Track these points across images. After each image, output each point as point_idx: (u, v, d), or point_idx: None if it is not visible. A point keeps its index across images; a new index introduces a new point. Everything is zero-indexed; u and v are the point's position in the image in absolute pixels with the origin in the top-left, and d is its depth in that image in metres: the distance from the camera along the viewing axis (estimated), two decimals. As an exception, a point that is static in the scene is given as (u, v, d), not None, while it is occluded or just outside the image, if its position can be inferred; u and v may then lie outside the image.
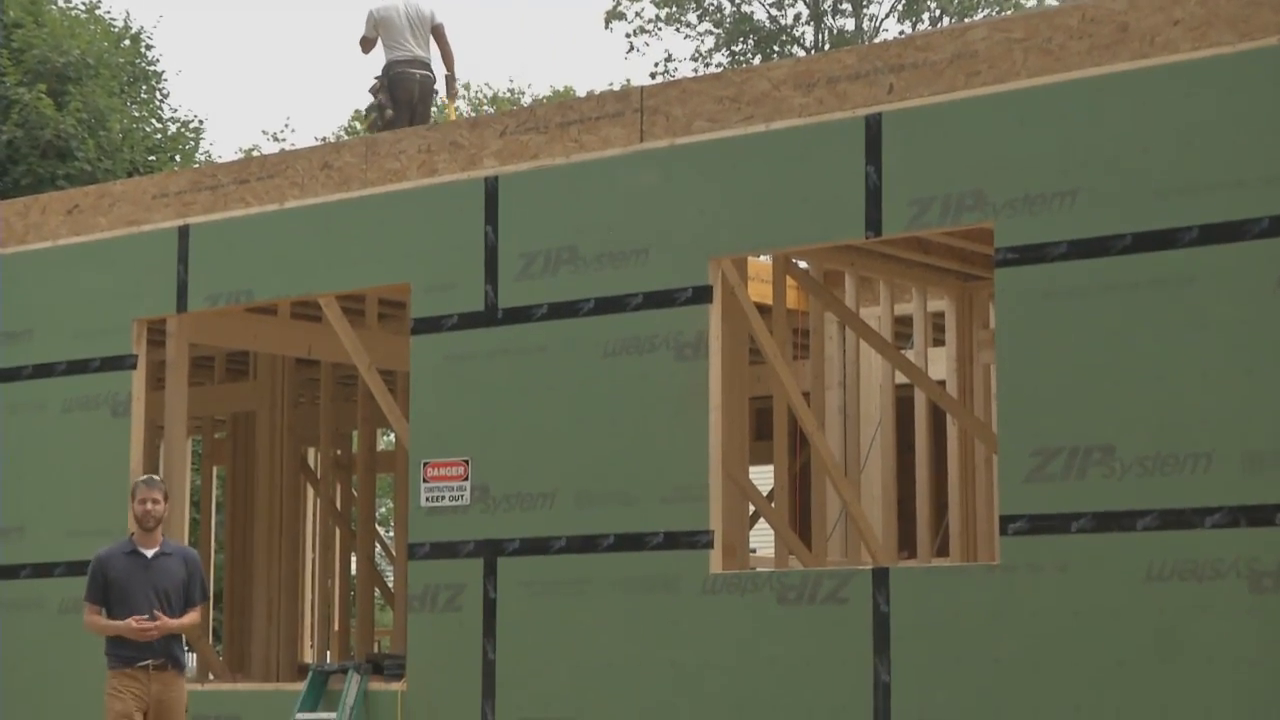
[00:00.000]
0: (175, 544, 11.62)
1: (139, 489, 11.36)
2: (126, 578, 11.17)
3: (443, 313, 12.64)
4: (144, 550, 11.28)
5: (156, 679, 11.09)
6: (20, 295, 14.62)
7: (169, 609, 11.14)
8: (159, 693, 11.10)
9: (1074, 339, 10.48)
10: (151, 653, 11.09)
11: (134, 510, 11.34)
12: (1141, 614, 10.13)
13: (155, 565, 11.23)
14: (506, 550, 12.18)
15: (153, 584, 11.16)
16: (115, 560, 11.26)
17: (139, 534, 11.32)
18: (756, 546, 16.96)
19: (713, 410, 11.58)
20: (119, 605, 11.14)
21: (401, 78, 16.14)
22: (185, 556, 11.47)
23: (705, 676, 11.37)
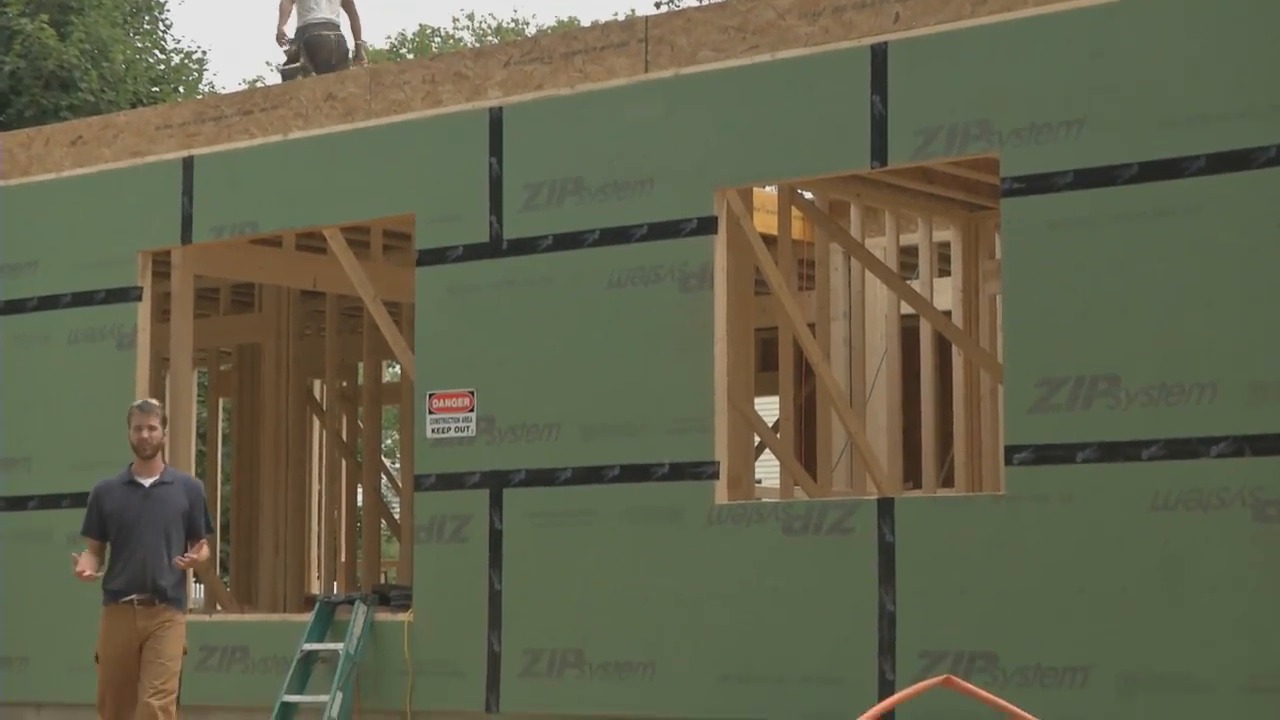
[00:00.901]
0: (177, 472, 10.97)
1: (133, 415, 10.68)
2: (124, 509, 10.52)
3: (447, 244, 12.63)
4: (142, 480, 10.62)
5: (143, 614, 10.42)
6: (24, 227, 14.61)
7: (171, 541, 10.49)
8: (146, 628, 10.42)
9: (1080, 269, 10.47)
10: (137, 587, 10.42)
11: (130, 438, 10.66)
12: (1146, 544, 10.15)
13: (154, 495, 10.54)
14: (512, 481, 12.21)
15: (152, 515, 10.49)
16: (112, 491, 10.63)
17: (137, 463, 10.67)
18: (762, 477, 16.99)
19: (718, 341, 11.58)
20: (119, 539, 10.51)
21: (318, 40, 16.18)
22: (187, 485, 10.75)
23: (710, 607, 11.41)
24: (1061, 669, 10.31)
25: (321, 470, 19.77)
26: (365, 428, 18.48)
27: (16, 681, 14.16)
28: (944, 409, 15.02)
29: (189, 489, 10.70)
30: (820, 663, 11.03)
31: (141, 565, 10.39)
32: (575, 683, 11.81)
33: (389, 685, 12.50)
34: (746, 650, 11.26)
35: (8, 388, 14.54)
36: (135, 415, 10.63)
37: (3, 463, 14.48)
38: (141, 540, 10.42)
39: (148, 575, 10.40)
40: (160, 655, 10.37)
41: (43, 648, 14.05)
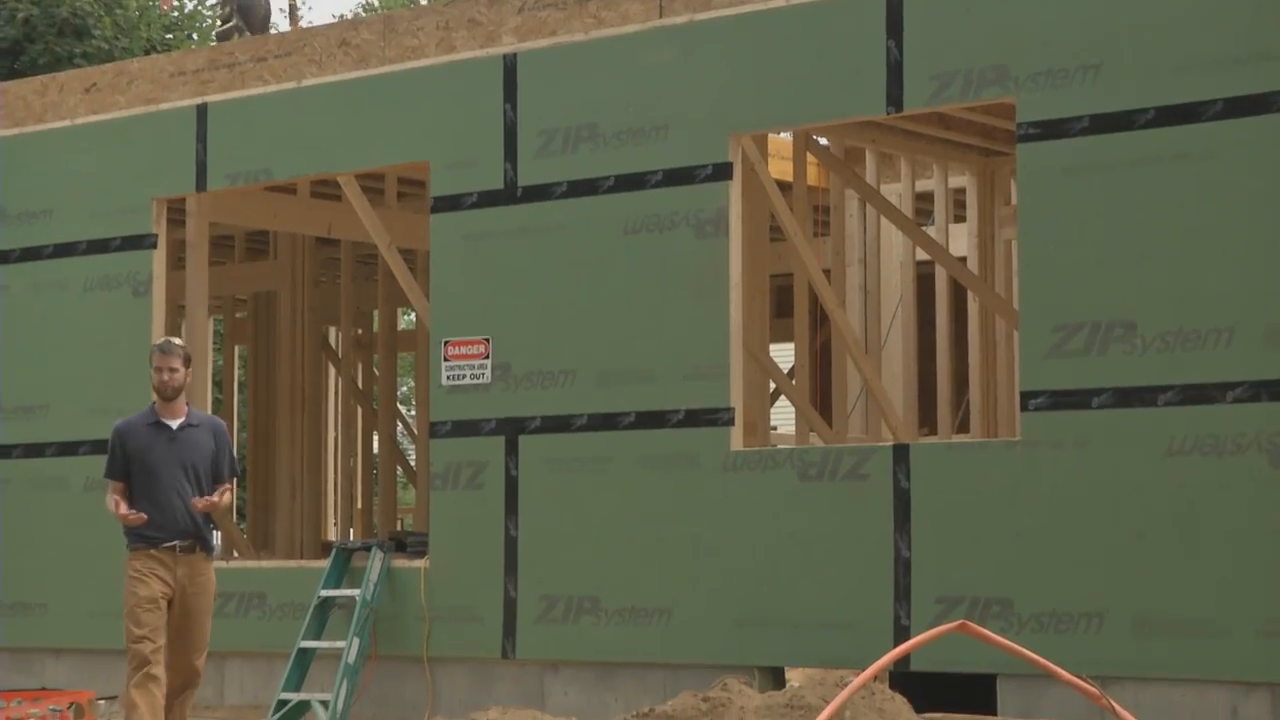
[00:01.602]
0: (202, 414, 10.45)
1: (154, 356, 10.16)
2: (149, 451, 10.00)
3: (462, 191, 12.62)
4: (168, 421, 10.09)
5: (183, 562, 9.96)
6: (39, 174, 14.61)
7: (197, 485, 10.04)
8: (185, 578, 9.97)
9: (1096, 214, 10.44)
10: (179, 533, 9.94)
11: (152, 380, 10.15)
12: (1161, 489, 10.16)
13: (181, 438, 10.05)
14: (528, 428, 12.22)
15: (179, 458, 9.99)
16: (136, 432, 10.11)
17: (160, 404, 10.14)
18: (777, 424, 17.00)
19: (733, 288, 11.57)
20: (143, 481, 9.98)
21: (251, 3, 16.28)
22: (214, 428, 10.27)
23: (725, 552, 11.44)
24: (1076, 614, 10.33)
25: (337, 417, 19.81)
26: (381, 375, 18.51)
27: (35, 628, 14.23)
28: (959, 355, 15.01)
29: (215, 432, 10.25)
30: (836, 608, 11.05)
31: (179, 511, 9.95)
32: (591, 628, 11.85)
33: (406, 631, 12.55)
34: (762, 596, 11.29)
35: (25, 335, 14.57)
36: (156, 356, 10.13)
37: (21, 410, 14.52)
38: (173, 485, 9.96)
39: (187, 520, 9.97)
40: (201, 612, 10.08)
41: (61, 595, 14.11)
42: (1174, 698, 10.08)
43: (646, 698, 11.18)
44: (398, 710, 12.59)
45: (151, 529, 9.92)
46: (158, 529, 9.92)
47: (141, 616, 9.82)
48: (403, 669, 12.61)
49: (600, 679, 11.90)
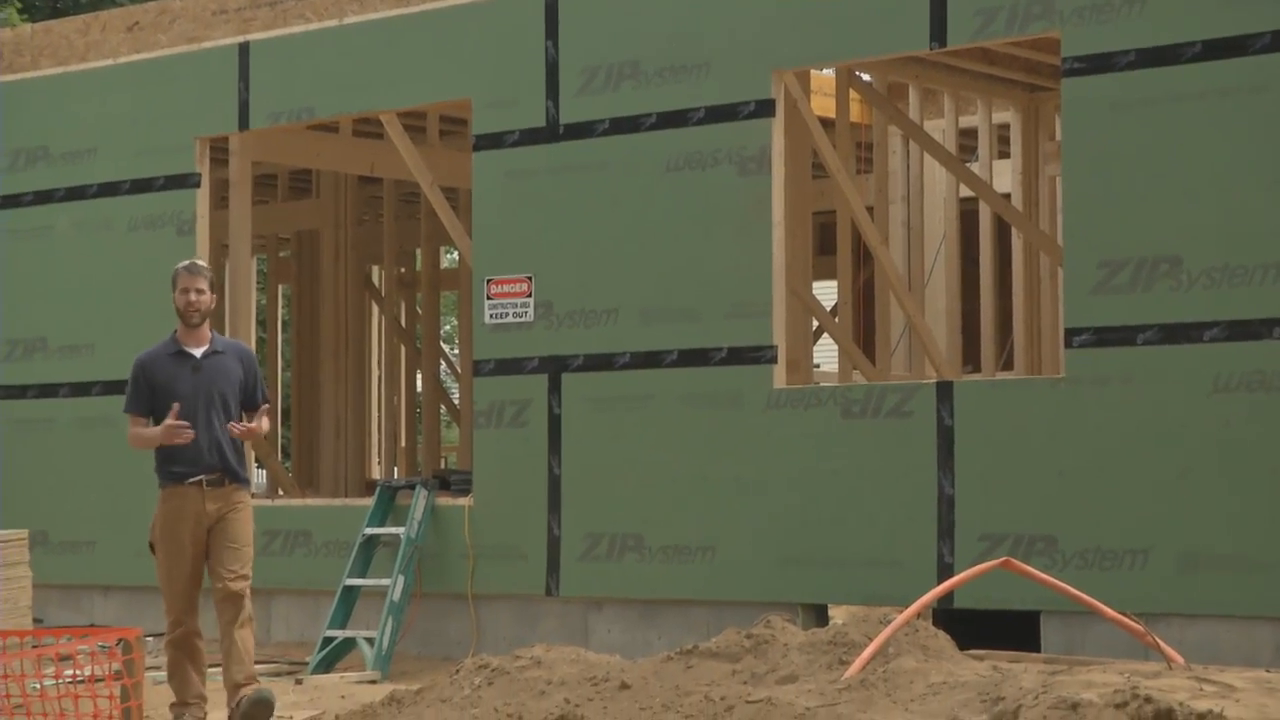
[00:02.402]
0: (227, 340, 9.78)
1: (179, 276, 9.41)
2: (174, 382, 9.29)
3: (504, 129, 12.60)
4: (191, 349, 9.39)
5: (212, 496, 9.25)
6: (83, 114, 14.64)
7: (226, 415, 9.32)
8: (217, 511, 9.27)
9: (1142, 150, 10.38)
10: (204, 466, 9.25)
11: (175, 303, 9.43)
12: (1207, 426, 10.12)
13: (206, 366, 9.34)
14: (570, 366, 12.23)
15: (206, 388, 9.28)
16: (159, 363, 9.41)
17: (183, 330, 9.44)
18: (820, 362, 16.98)
19: (776, 225, 11.54)
20: (165, 413, 9.28)
21: None
22: (240, 354, 9.56)
23: (769, 490, 11.44)
24: (1121, 551, 10.31)
25: (381, 356, 19.85)
26: (424, 313, 18.54)
27: (84, 565, 14.34)
28: (1003, 292, 14.96)
29: (242, 357, 9.54)
30: (879, 546, 11.05)
31: (205, 443, 9.23)
32: (635, 566, 11.88)
33: (450, 569, 12.61)
34: (805, 534, 11.30)
35: (70, 275, 14.63)
36: (182, 277, 9.39)
37: (67, 350, 14.59)
38: (199, 416, 9.23)
39: (214, 453, 9.25)
40: (234, 540, 9.27)
41: (108, 532, 14.21)
42: (1219, 634, 10.07)
43: (690, 635, 11.21)
44: (442, 648, 12.65)
45: (179, 464, 9.27)
46: (185, 463, 9.26)
47: (171, 573, 9.34)
48: (447, 606, 12.67)
49: (644, 617, 11.93)
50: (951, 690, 7.77)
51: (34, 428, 14.72)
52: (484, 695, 8.41)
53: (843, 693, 7.88)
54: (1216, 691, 7.63)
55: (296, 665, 12.34)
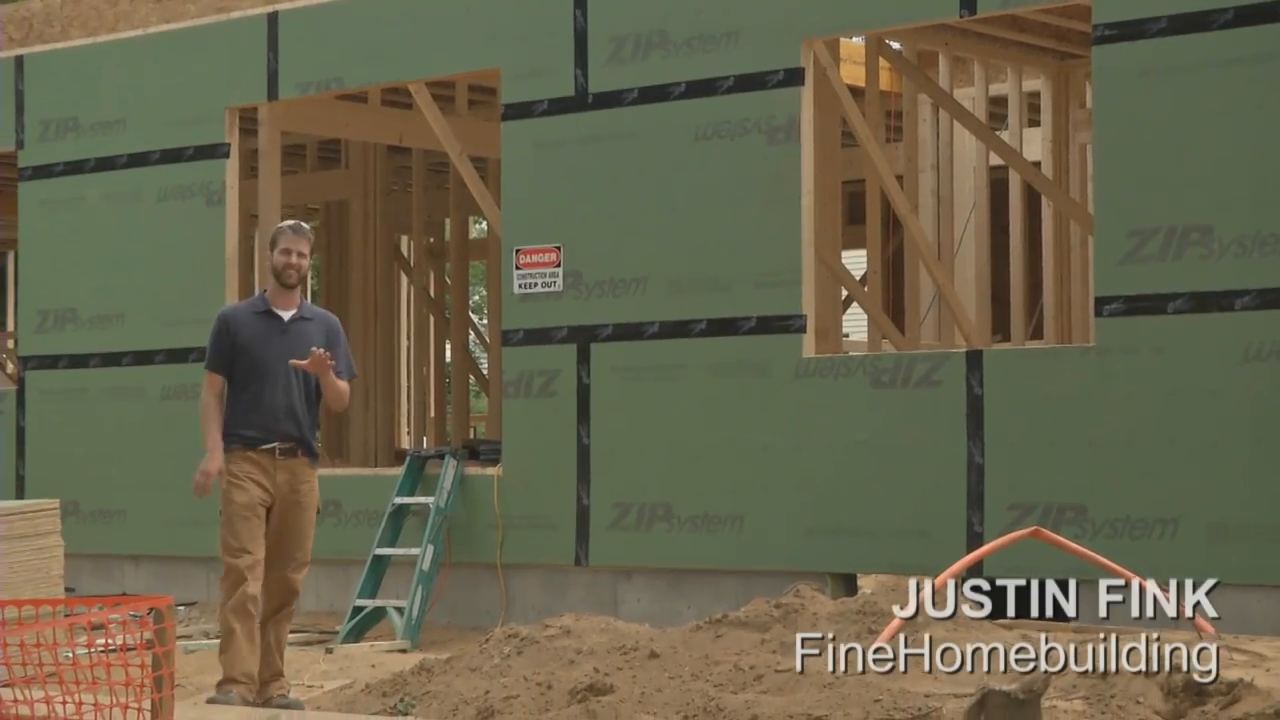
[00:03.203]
0: (315, 308, 9.05)
1: (282, 236, 8.77)
2: (259, 343, 8.65)
3: (533, 98, 12.59)
4: (280, 312, 8.73)
5: (283, 467, 8.61)
6: (112, 84, 14.66)
7: (305, 385, 8.68)
8: (287, 484, 8.64)
9: (1173, 117, 10.33)
10: (279, 434, 8.62)
11: (273, 262, 8.76)
12: (1238, 395, 10.09)
13: (293, 330, 8.70)
14: (599, 336, 12.23)
15: (288, 353, 8.62)
16: (245, 321, 8.74)
17: (275, 291, 8.76)
18: (849, 331, 16.95)
19: (805, 194, 11.52)
20: (249, 376, 8.65)
21: None
22: (328, 324, 8.88)
23: (798, 460, 11.44)
24: (1151, 520, 10.29)
25: (410, 326, 19.87)
26: (453, 283, 18.56)
27: (114, 535, 14.40)
28: (1033, 261, 14.91)
29: (329, 328, 8.86)
30: (908, 515, 11.05)
31: (283, 410, 8.63)
32: (664, 535, 11.89)
33: (479, 538, 12.63)
34: (834, 503, 11.29)
35: (100, 246, 14.66)
36: (285, 236, 8.76)
37: (97, 320, 14.63)
38: (280, 381, 8.63)
39: (290, 421, 8.65)
40: (299, 525, 8.68)
41: (138, 502, 14.26)
42: (1249, 603, 10.04)
43: (719, 604, 11.22)
44: (471, 617, 12.68)
45: (252, 428, 8.64)
46: (258, 429, 8.64)
47: (238, 527, 8.58)
48: (476, 576, 12.70)
49: (672, 586, 11.95)
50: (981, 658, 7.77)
51: (65, 398, 14.78)
52: (513, 664, 8.44)
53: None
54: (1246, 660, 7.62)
55: (327, 634, 12.39)
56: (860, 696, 7.27)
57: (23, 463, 14.96)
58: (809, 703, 7.30)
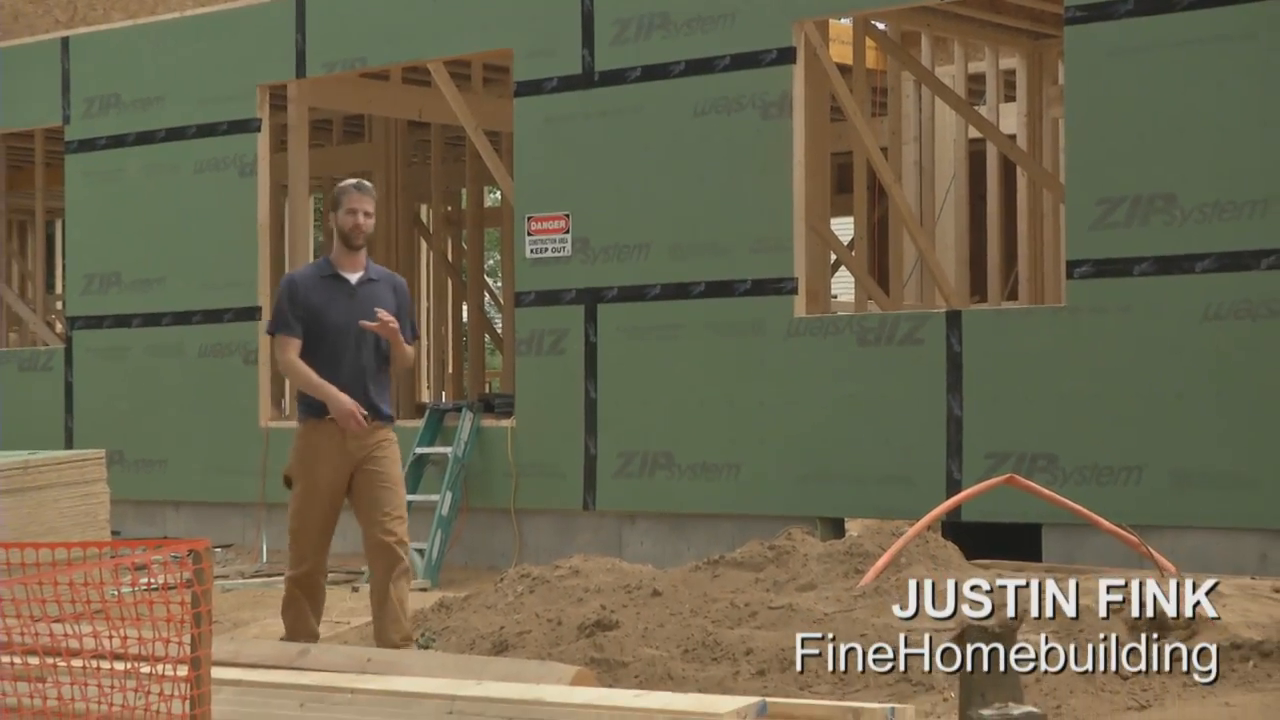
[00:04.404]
0: (381, 268, 8.20)
1: (347, 195, 7.97)
2: (327, 306, 7.86)
3: (543, 76, 12.55)
4: (347, 274, 7.94)
5: (357, 433, 7.76)
6: (153, 63, 14.63)
7: (375, 348, 7.90)
8: (363, 449, 7.79)
9: (1139, 93, 10.30)
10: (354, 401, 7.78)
11: (339, 223, 7.97)
12: (1199, 351, 10.08)
13: (361, 293, 7.91)
14: (605, 298, 12.22)
15: (357, 316, 7.83)
16: (311, 285, 7.93)
17: (340, 253, 7.96)
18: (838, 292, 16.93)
19: (796, 165, 11.50)
20: (318, 342, 7.87)
21: None
22: (395, 285, 8.08)
23: (790, 412, 11.44)
24: (1117, 468, 10.30)
25: (429, 288, 19.85)
26: (469, 249, 18.53)
27: (157, 483, 14.42)
28: (1009, 227, 14.89)
29: (396, 288, 8.07)
30: (892, 464, 11.06)
31: (353, 376, 7.83)
32: (666, 482, 11.90)
33: (494, 485, 12.64)
34: (824, 452, 11.30)
35: (141, 214, 14.65)
36: (350, 196, 7.97)
37: (139, 283, 14.63)
38: (350, 346, 7.87)
39: (361, 388, 7.83)
40: (387, 480, 7.82)
41: (178, 452, 14.27)
42: (1208, 545, 10.06)
43: (717, 546, 11.24)
44: (487, 558, 12.71)
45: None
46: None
47: (307, 507, 7.86)
48: (492, 520, 12.71)
49: (674, 529, 11.97)
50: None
51: (110, 355, 14.79)
52: (526, 602, 8.45)
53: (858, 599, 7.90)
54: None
55: (353, 574, 12.41)
56: (847, 631, 7.29)
57: (71, 416, 14.98)
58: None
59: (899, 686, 6.75)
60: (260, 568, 12.97)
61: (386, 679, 5.45)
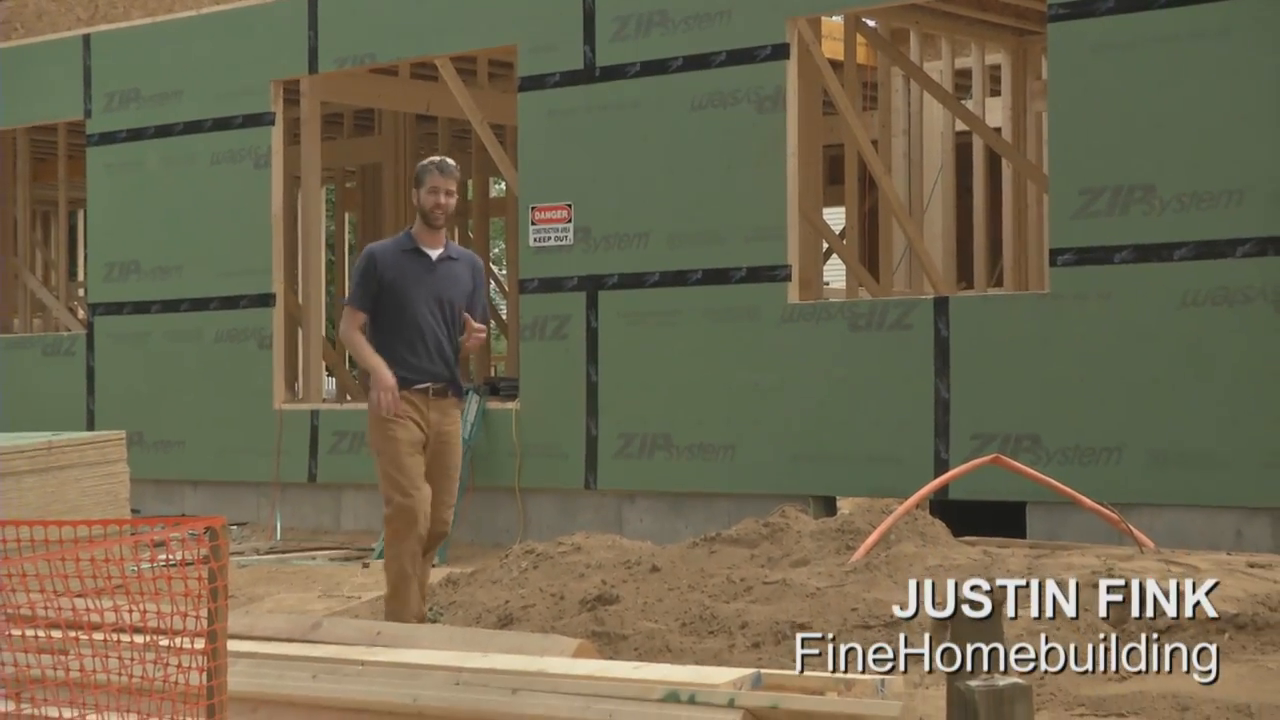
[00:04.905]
0: (460, 248, 8.03)
1: (429, 174, 7.72)
2: (406, 281, 7.68)
3: (546, 71, 12.54)
4: (428, 250, 7.74)
5: (435, 406, 7.66)
6: (171, 59, 14.61)
7: (450, 324, 7.74)
8: (439, 423, 7.68)
9: (1120, 88, 10.29)
10: (431, 375, 7.69)
11: (421, 201, 7.73)
12: (1176, 336, 10.08)
13: (441, 270, 7.73)
14: (606, 284, 12.22)
15: (436, 292, 7.68)
16: (392, 258, 7.72)
17: (421, 230, 7.74)
18: (830, 279, 16.93)
19: (790, 157, 11.49)
20: (392, 313, 7.73)
21: None
22: (472, 264, 7.90)
23: (783, 395, 11.44)
24: (1098, 448, 10.30)
25: (437, 276, 19.81)
26: (475, 238, 18.50)
27: (175, 463, 14.42)
28: (994, 216, 14.88)
29: (474, 268, 7.90)
30: (882, 444, 11.06)
31: (434, 349, 7.69)
32: (664, 462, 11.90)
33: (500, 465, 12.65)
34: (816, 434, 11.30)
35: (160, 204, 14.64)
36: (433, 175, 7.73)
37: (158, 270, 14.63)
38: (428, 321, 7.71)
39: (441, 361, 7.71)
40: (451, 466, 7.79)
41: (195, 432, 14.28)
42: (1185, 522, 10.07)
43: (713, 524, 11.25)
44: (492, 535, 12.71)
45: (405, 369, 7.67)
46: (412, 369, 7.68)
47: (405, 463, 7.59)
48: (497, 499, 12.72)
49: (672, 508, 11.97)
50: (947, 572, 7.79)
51: (130, 340, 14.79)
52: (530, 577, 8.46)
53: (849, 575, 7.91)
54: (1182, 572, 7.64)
55: (364, 551, 12.42)
56: (839, 605, 7.29)
57: (92, 398, 14.98)
58: (793, 611, 7.32)
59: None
60: (274, 544, 12.98)
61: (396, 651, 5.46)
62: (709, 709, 4.56)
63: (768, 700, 4.51)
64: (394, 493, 7.55)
